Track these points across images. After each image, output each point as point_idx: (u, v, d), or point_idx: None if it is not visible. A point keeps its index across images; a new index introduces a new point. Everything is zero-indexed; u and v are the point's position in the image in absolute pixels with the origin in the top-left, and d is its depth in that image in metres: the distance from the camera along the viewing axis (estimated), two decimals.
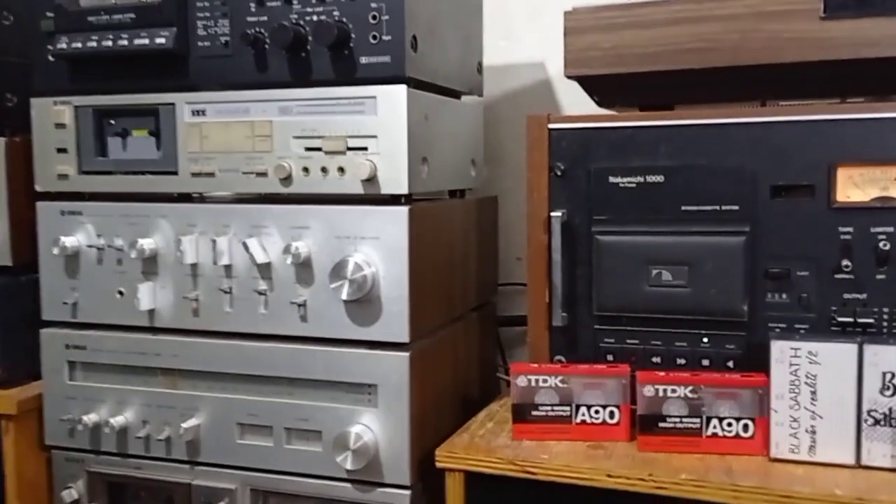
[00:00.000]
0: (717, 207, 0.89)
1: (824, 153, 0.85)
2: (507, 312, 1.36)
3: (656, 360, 0.92)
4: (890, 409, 0.78)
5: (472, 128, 1.17)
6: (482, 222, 1.19)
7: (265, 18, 0.96)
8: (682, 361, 0.91)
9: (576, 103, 1.27)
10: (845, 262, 0.84)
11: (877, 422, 0.78)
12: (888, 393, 0.78)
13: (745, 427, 0.84)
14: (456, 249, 1.08)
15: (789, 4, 0.84)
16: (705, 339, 0.90)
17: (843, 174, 0.84)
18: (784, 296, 0.87)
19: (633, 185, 0.92)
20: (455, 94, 1.12)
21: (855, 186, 0.84)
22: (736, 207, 0.88)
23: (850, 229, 0.84)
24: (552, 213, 0.94)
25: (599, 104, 1.04)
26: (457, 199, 1.13)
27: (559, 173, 0.95)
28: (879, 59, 0.83)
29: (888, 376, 0.78)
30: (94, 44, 1.01)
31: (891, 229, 0.82)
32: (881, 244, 0.83)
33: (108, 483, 1.06)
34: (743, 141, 0.87)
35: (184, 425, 1.00)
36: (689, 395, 0.85)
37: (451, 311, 1.08)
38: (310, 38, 0.94)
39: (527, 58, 1.37)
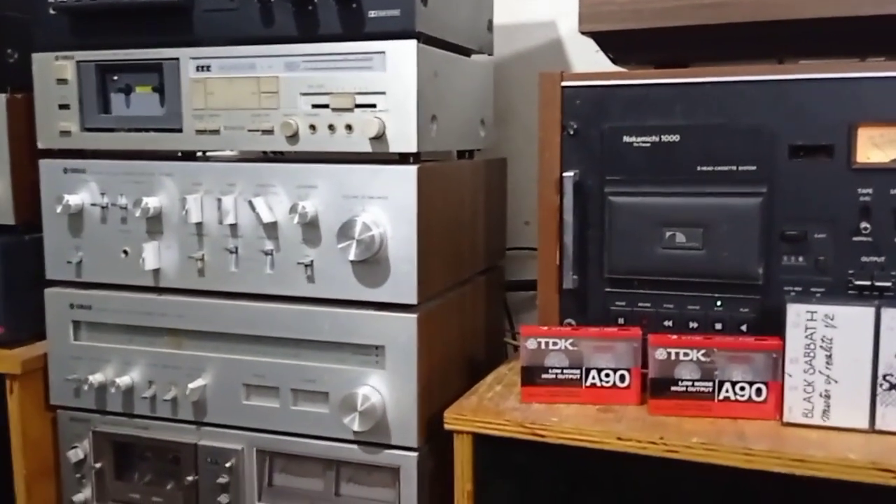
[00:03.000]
0: (734, 168, 0.87)
1: (845, 113, 0.82)
2: (515, 277, 1.35)
3: (668, 323, 0.91)
4: None
5: (482, 87, 1.15)
6: (490, 184, 1.17)
7: None
8: (695, 325, 0.90)
9: (587, 63, 1.25)
10: (864, 225, 0.82)
11: (892, 386, 0.77)
12: None
13: (759, 391, 0.83)
14: (464, 211, 1.07)
15: None
16: (719, 303, 0.89)
17: (863, 134, 0.82)
18: (800, 258, 0.85)
19: (648, 145, 0.90)
20: (465, 52, 1.09)
21: (875, 147, 0.82)
22: (753, 168, 0.86)
23: (869, 191, 0.82)
24: (564, 174, 0.92)
25: (614, 61, 1.02)
26: (465, 160, 1.11)
27: (572, 132, 0.93)
28: None
29: None
30: None
31: None
32: None
33: (113, 443, 1.06)
34: (761, 99, 0.85)
35: (190, 386, 1.00)
36: (702, 358, 0.84)
37: (459, 273, 1.07)
38: None
39: (538, 16, 1.34)
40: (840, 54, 0.97)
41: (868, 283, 0.83)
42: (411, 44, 0.89)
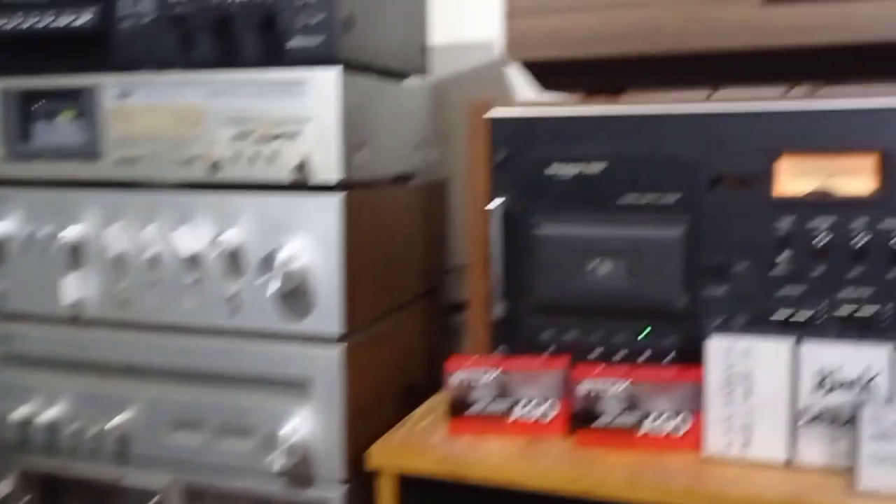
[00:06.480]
0: (658, 198, 0.86)
1: (765, 144, 0.82)
2: (464, 296, 1.33)
3: (596, 353, 0.90)
4: (824, 407, 0.77)
5: (417, 110, 1.13)
6: (428, 207, 1.16)
7: None
8: (622, 354, 0.90)
9: (528, 84, 1.24)
10: (784, 256, 0.82)
11: (811, 420, 0.77)
12: (823, 391, 0.76)
13: (681, 423, 0.82)
14: (397, 237, 1.05)
15: None
16: (645, 333, 0.89)
17: (783, 165, 0.82)
18: (723, 289, 0.85)
19: (574, 175, 0.89)
20: (398, 76, 1.08)
21: (795, 178, 0.82)
22: (676, 198, 0.86)
23: (788, 222, 0.82)
24: (492, 203, 0.91)
25: (545, 88, 1.01)
26: (399, 185, 1.09)
27: (500, 161, 0.92)
28: (823, 45, 0.80)
29: (823, 374, 0.76)
30: (14, 24, 0.96)
31: (829, 222, 0.81)
32: (819, 238, 0.81)
33: (38, 479, 1.03)
34: (684, 131, 0.85)
35: (113, 421, 0.97)
36: (626, 391, 0.83)
37: (393, 300, 1.05)
38: (237, 17, 0.89)
39: (478, 37, 1.33)
40: (772, 81, 0.97)
41: (789, 313, 0.83)
42: (334, 72, 0.87)
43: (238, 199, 0.92)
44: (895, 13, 0.77)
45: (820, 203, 0.81)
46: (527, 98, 1.26)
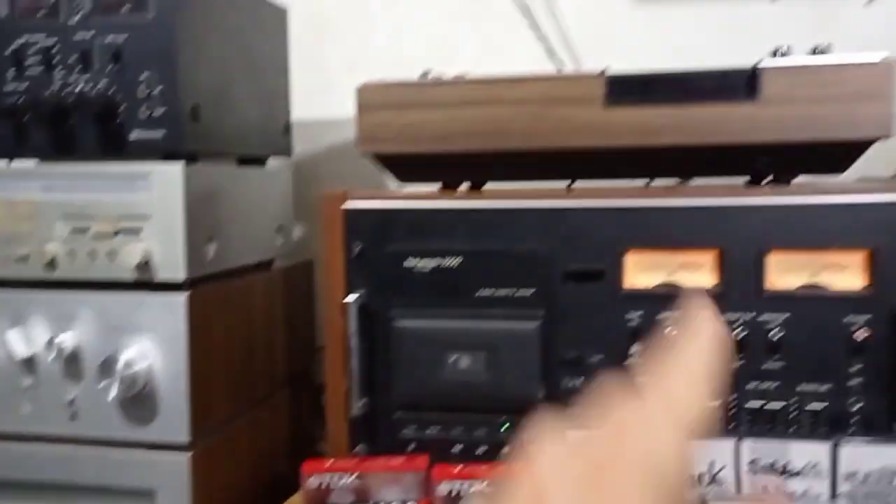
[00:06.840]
0: (513, 292, 0.86)
1: (614, 239, 0.84)
2: None
3: (457, 448, 0.89)
4: None
5: (279, 193, 1.11)
6: (292, 291, 1.13)
7: (25, 86, 0.86)
8: (483, 449, 0.88)
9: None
10: (635, 348, 0.84)
11: None
12: None
13: None
14: (256, 328, 1.02)
15: (575, 91, 0.83)
16: (506, 426, 0.88)
17: (631, 260, 0.84)
18: (579, 382, 0.86)
19: (431, 268, 0.88)
20: (257, 160, 1.05)
21: (642, 272, 0.84)
22: (531, 292, 0.86)
23: (638, 315, 0.84)
24: (348, 297, 0.89)
25: (400, 180, 1.00)
26: (258, 273, 1.05)
27: (356, 254, 0.90)
28: (665, 146, 0.83)
29: None
30: None
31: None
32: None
33: None
34: (537, 225, 0.85)
35: None
36: (487, 489, 0.82)
37: (254, 394, 1.01)
38: (75, 109, 0.85)
39: (346, 113, 1.32)
40: (623, 176, 0.99)
41: None
42: (178, 165, 0.84)
43: (76, 298, 0.86)
44: (729, 118, 0.81)
45: (667, 296, 0.83)
46: (390, 185, 1.25)
